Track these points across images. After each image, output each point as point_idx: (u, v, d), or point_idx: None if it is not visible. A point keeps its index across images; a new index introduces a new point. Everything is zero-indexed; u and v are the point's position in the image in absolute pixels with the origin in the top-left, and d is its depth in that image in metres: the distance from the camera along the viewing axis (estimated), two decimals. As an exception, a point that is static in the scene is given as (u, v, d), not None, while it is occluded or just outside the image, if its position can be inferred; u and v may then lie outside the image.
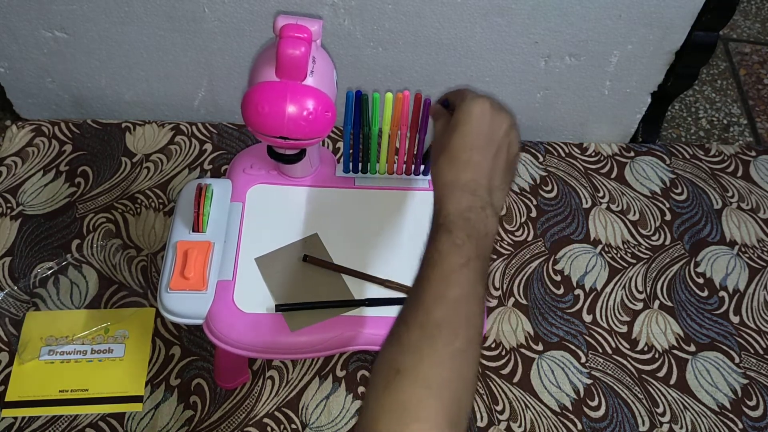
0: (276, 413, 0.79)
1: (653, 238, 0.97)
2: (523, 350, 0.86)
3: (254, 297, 0.69)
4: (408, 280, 0.70)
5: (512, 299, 0.90)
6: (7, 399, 0.78)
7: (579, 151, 1.06)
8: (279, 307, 0.68)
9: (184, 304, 0.67)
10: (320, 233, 0.74)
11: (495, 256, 0.93)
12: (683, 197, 1.02)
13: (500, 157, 0.59)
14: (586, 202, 1.00)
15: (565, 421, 0.81)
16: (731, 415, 0.83)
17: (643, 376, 0.85)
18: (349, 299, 0.70)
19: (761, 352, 0.88)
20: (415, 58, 0.96)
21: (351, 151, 0.77)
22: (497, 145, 0.59)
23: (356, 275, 0.72)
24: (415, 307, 0.52)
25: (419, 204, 0.78)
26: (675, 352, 0.87)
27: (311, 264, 0.72)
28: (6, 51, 0.97)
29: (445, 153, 0.58)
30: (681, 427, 0.81)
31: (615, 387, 0.84)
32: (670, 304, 0.91)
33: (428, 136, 0.75)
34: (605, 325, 0.88)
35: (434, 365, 0.49)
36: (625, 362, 0.86)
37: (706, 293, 0.92)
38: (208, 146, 1.02)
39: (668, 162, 1.06)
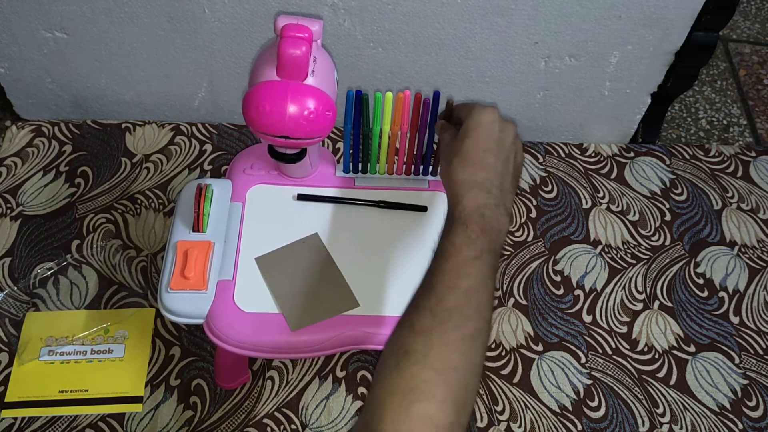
0: (276, 414, 0.79)
1: (653, 238, 0.97)
2: (523, 351, 0.86)
3: (254, 297, 0.69)
4: (407, 280, 0.70)
5: (512, 299, 0.90)
6: (6, 399, 0.78)
7: (579, 152, 1.06)
8: (301, 196, 0.75)
9: (184, 304, 0.67)
10: (320, 233, 0.74)
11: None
12: (683, 198, 1.02)
13: (510, 162, 0.63)
14: (586, 203, 1.00)
15: (565, 422, 0.81)
16: (731, 416, 0.83)
17: (643, 376, 0.85)
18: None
19: (761, 352, 0.88)
20: (415, 59, 0.96)
21: (351, 151, 0.77)
22: (507, 151, 0.62)
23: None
24: (428, 294, 0.54)
25: (419, 203, 0.78)
26: (675, 352, 0.87)
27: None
28: (6, 51, 0.97)
29: (460, 155, 0.61)
30: (681, 428, 0.81)
31: (615, 387, 0.84)
32: (670, 304, 0.91)
33: (427, 136, 0.75)
34: (605, 326, 0.89)
35: (443, 349, 0.50)
36: (625, 363, 0.86)
37: (706, 294, 0.92)
38: (208, 146, 1.02)
39: (668, 162, 1.06)
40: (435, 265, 0.56)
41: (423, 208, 0.77)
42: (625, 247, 0.96)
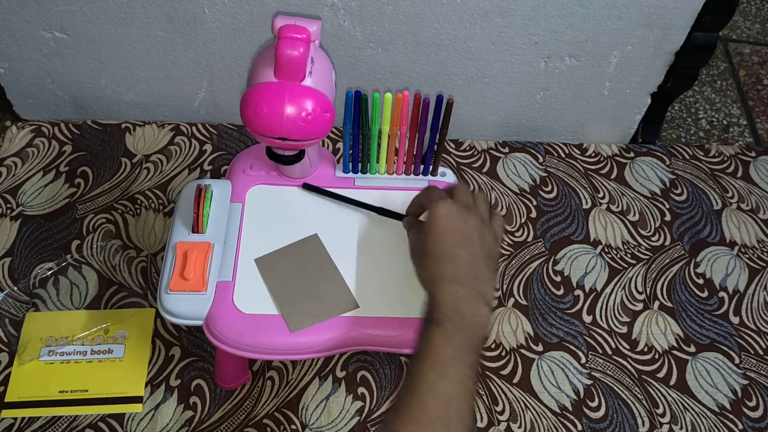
0: (276, 414, 0.79)
1: (653, 238, 0.97)
2: (523, 351, 0.86)
3: (254, 298, 0.69)
4: (407, 281, 0.70)
5: (512, 300, 0.90)
6: (6, 399, 0.78)
7: (579, 152, 1.06)
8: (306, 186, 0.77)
9: (183, 305, 0.67)
10: (320, 234, 0.74)
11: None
12: (683, 198, 1.02)
13: (476, 248, 0.61)
14: (586, 203, 1.00)
15: (565, 422, 0.81)
16: (731, 416, 0.83)
17: (643, 376, 0.85)
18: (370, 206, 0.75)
19: (761, 352, 0.88)
20: (415, 59, 0.96)
21: (351, 151, 0.77)
22: (470, 239, 0.61)
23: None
24: (409, 400, 0.54)
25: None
26: (675, 352, 0.87)
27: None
28: (6, 51, 0.97)
29: (425, 253, 0.62)
30: (681, 428, 0.81)
31: (615, 388, 0.84)
32: (670, 304, 0.91)
33: (427, 135, 0.75)
34: (605, 326, 0.88)
35: None
36: (625, 363, 0.86)
37: (706, 294, 0.92)
38: (208, 147, 1.02)
39: (668, 163, 1.06)
40: (414, 367, 0.56)
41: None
42: (625, 247, 0.96)
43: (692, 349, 0.87)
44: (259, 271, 0.71)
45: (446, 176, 0.81)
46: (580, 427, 0.81)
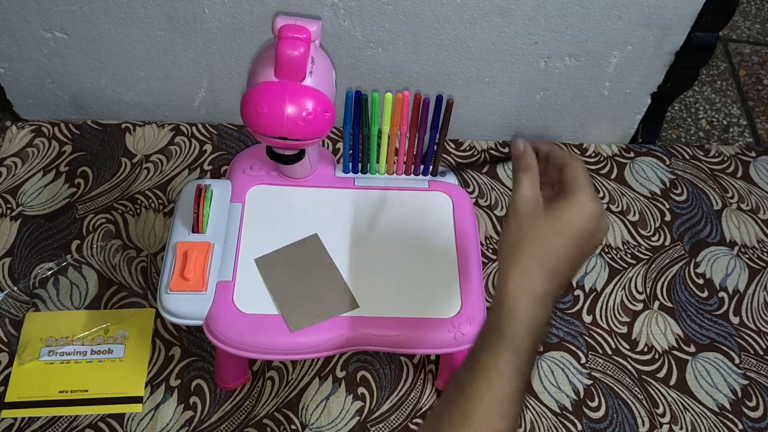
0: (276, 414, 0.79)
1: (653, 238, 0.97)
2: (522, 351, 0.86)
3: (254, 298, 0.69)
4: (408, 281, 0.70)
5: (512, 300, 0.89)
6: (6, 400, 0.78)
7: (579, 152, 1.06)
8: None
9: (183, 305, 0.67)
10: (320, 234, 0.74)
11: (495, 257, 0.93)
12: (683, 198, 1.02)
13: (580, 265, 0.52)
14: (586, 203, 1.00)
15: (565, 422, 0.81)
16: (731, 416, 0.83)
17: (643, 376, 0.85)
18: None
19: (761, 352, 0.88)
20: (415, 59, 0.96)
21: (351, 151, 0.77)
22: (586, 257, 0.52)
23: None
24: (460, 423, 0.48)
25: (419, 204, 0.78)
26: (675, 352, 0.87)
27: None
28: (6, 51, 0.97)
29: (541, 252, 0.50)
30: (681, 428, 0.81)
31: (615, 388, 0.84)
32: (669, 304, 0.91)
33: (427, 135, 0.75)
34: (605, 326, 0.88)
35: None
36: (625, 363, 0.86)
37: (705, 294, 0.92)
38: (208, 147, 1.02)
39: (668, 163, 1.06)
40: (473, 387, 0.48)
41: None
42: (625, 247, 0.96)
43: (692, 349, 0.87)
44: (259, 271, 0.71)
45: (446, 176, 0.81)
46: (580, 427, 0.81)
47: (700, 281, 0.93)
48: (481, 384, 0.48)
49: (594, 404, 0.83)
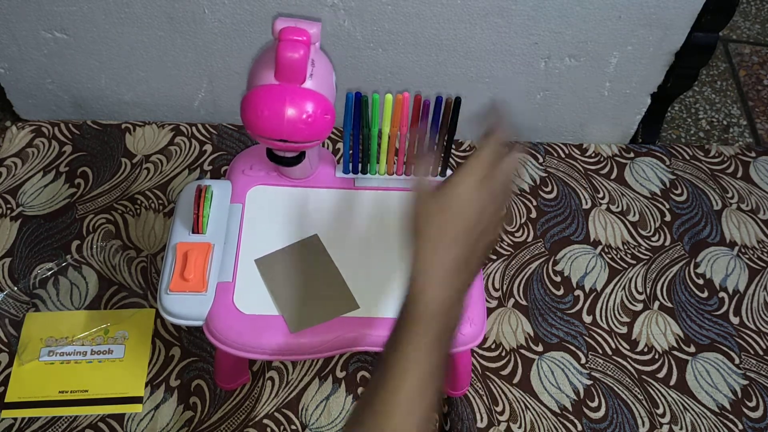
0: (276, 414, 0.79)
1: (653, 239, 0.97)
2: (523, 351, 0.86)
3: (254, 298, 0.69)
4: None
5: (512, 300, 0.90)
6: (6, 400, 0.78)
7: (579, 152, 1.06)
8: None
9: (183, 306, 0.67)
10: (320, 234, 0.74)
11: (495, 257, 0.93)
12: (683, 198, 1.02)
13: (483, 241, 0.54)
14: (586, 203, 1.00)
15: (565, 422, 0.81)
16: (731, 416, 0.83)
17: (643, 377, 0.85)
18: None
19: (761, 353, 0.88)
20: (415, 59, 0.96)
21: (351, 152, 0.77)
22: (485, 226, 0.54)
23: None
24: (382, 413, 0.50)
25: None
26: (675, 353, 0.87)
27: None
28: (6, 52, 0.97)
29: (431, 230, 0.53)
30: (681, 428, 0.81)
31: (615, 388, 0.84)
32: (670, 305, 0.91)
33: (428, 137, 0.75)
34: (605, 326, 0.89)
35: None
36: (625, 363, 0.86)
37: (705, 294, 0.92)
38: (208, 147, 1.02)
39: (668, 163, 1.06)
40: (387, 377, 0.50)
41: None
42: (625, 247, 0.96)
43: (692, 349, 0.88)
44: (259, 272, 0.71)
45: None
46: (580, 428, 0.81)
47: (700, 281, 0.93)
48: (396, 370, 0.50)
49: (594, 404, 0.83)
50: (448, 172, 0.80)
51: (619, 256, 0.95)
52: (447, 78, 0.99)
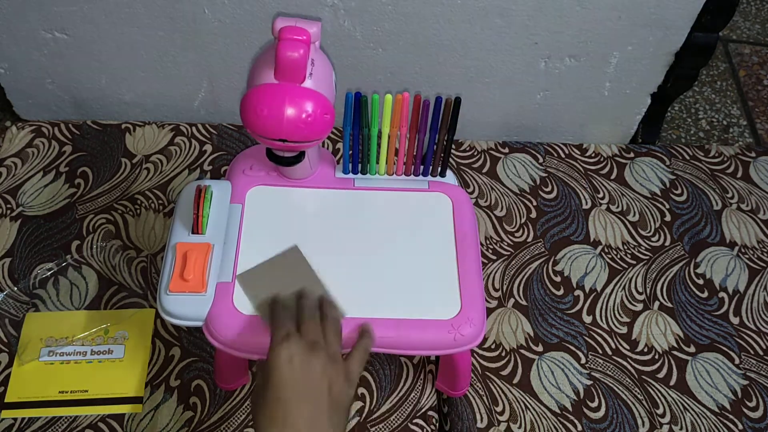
0: (276, 414, 0.79)
1: (653, 239, 0.97)
2: (523, 351, 0.86)
3: (254, 298, 0.69)
4: (407, 282, 0.70)
5: (512, 300, 0.90)
6: (6, 400, 0.78)
7: (579, 152, 1.06)
8: None
9: (183, 306, 0.67)
10: (320, 234, 0.74)
11: (495, 257, 0.93)
12: (683, 198, 1.02)
13: (322, 402, 0.57)
14: (586, 203, 1.00)
15: (565, 422, 0.81)
16: (731, 416, 0.83)
17: (643, 377, 0.85)
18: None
19: (761, 353, 0.88)
20: (415, 59, 0.96)
21: (351, 152, 0.77)
22: (315, 390, 0.57)
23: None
24: None
25: (419, 205, 0.78)
26: (675, 353, 0.87)
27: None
28: (6, 52, 0.97)
29: (263, 409, 0.56)
30: (681, 428, 0.81)
31: (615, 388, 0.84)
32: (669, 305, 0.91)
33: (427, 136, 0.75)
34: (605, 326, 0.88)
35: None
36: (625, 363, 0.86)
37: (705, 294, 0.92)
38: (208, 147, 1.02)
39: (668, 163, 1.06)
40: None
41: None
42: (625, 247, 0.96)
43: (692, 349, 0.88)
44: (242, 289, 0.69)
45: (447, 177, 0.80)
46: (580, 428, 0.81)
47: (700, 281, 0.93)
48: None
49: (594, 404, 0.83)
50: (448, 172, 0.80)
51: (619, 256, 0.95)
52: (447, 78, 0.99)
